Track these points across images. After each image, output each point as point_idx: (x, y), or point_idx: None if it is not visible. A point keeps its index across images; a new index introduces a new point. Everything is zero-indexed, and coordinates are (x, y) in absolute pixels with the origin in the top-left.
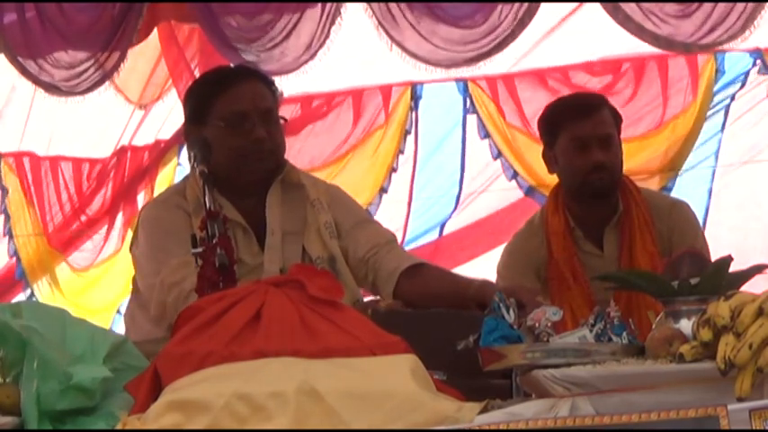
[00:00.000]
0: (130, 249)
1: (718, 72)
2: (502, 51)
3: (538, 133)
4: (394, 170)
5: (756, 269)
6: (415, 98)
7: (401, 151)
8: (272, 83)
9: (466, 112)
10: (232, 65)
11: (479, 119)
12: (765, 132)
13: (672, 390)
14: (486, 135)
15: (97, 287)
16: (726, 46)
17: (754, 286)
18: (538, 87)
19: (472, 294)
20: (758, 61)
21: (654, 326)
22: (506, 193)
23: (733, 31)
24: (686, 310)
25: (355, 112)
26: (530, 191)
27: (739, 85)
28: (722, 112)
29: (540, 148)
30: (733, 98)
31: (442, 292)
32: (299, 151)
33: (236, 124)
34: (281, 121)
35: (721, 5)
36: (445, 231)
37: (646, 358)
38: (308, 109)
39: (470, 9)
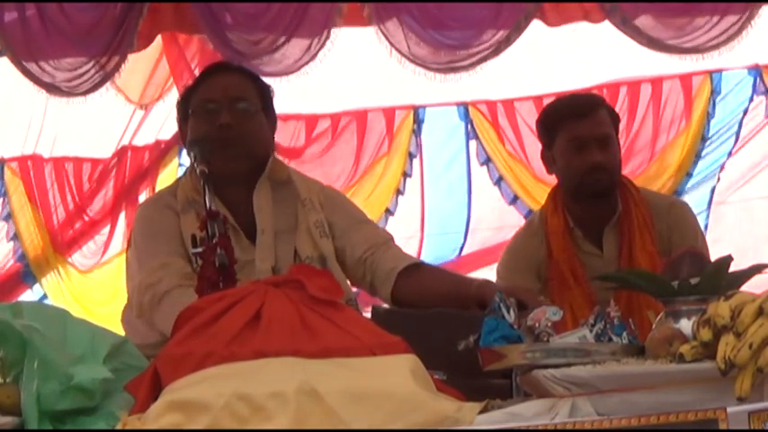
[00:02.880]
0: (126, 250)
1: (714, 93)
2: (499, 56)
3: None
4: (400, 193)
5: (756, 269)
6: (418, 122)
7: (408, 174)
8: (257, 78)
9: (468, 137)
10: None
11: (480, 144)
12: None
13: (672, 390)
14: (487, 160)
15: (102, 288)
16: (723, 65)
17: (754, 286)
18: (536, 112)
19: (472, 294)
20: (757, 80)
21: (654, 326)
22: (507, 218)
23: (729, 34)
24: (686, 310)
25: (359, 138)
26: (529, 215)
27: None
28: (725, 144)
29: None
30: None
31: (441, 292)
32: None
33: (202, 111)
34: (273, 118)
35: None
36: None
37: (646, 358)
38: (312, 127)
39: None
